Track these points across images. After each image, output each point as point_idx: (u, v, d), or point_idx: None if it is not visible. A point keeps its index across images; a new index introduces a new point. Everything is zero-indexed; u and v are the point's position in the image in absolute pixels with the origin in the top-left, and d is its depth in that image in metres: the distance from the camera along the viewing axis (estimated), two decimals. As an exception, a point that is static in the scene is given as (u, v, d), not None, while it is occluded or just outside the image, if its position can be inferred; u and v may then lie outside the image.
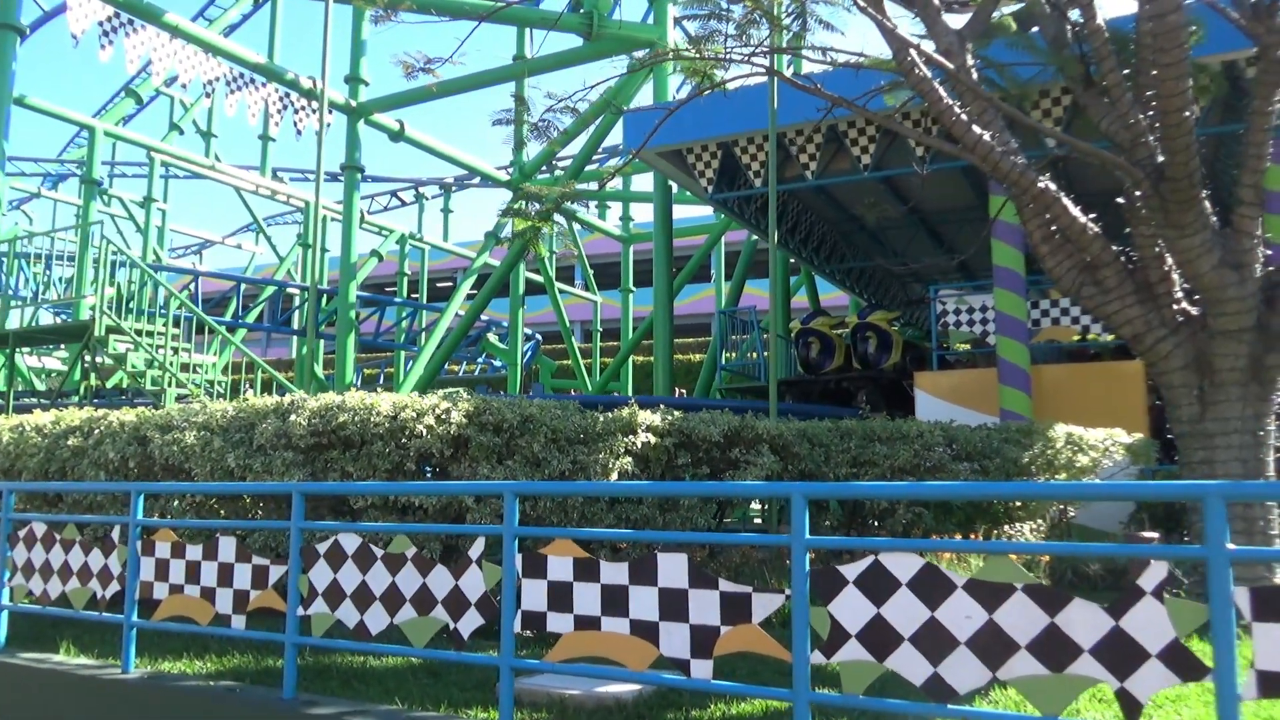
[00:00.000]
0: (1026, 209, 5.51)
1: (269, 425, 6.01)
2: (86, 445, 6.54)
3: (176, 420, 6.39)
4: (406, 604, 3.77)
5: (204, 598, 4.36)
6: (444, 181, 29.20)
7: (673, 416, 7.04)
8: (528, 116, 7.32)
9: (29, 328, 11.35)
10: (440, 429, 5.95)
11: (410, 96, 16.97)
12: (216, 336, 17.13)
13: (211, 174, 22.01)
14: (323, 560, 4.02)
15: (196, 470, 6.07)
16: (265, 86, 16.10)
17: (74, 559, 4.89)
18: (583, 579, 3.37)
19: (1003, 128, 5.60)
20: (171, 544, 4.52)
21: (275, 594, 4.14)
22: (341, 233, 16.92)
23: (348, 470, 5.93)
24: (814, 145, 12.27)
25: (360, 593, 3.89)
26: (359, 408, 5.96)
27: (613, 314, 32.21)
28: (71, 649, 5.12)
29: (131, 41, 13.76)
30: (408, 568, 3.78)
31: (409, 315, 22.23)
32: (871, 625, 2.86)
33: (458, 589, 3.64)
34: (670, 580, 3.19)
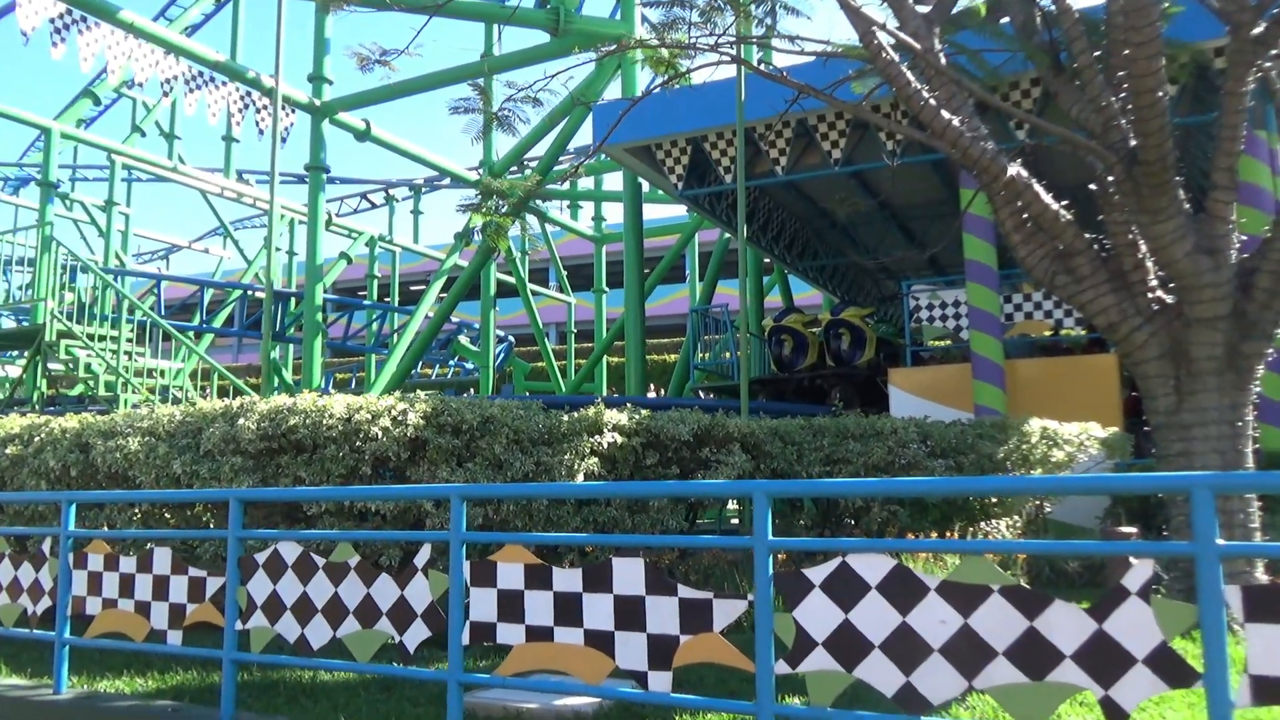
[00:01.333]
0: (997, 197, 5.36)
1: (216, 430, 5.74)
2: (26, 453, 6.24)
3: (120, 426, 6.11)
4: (350, 616, 3.54)
5: (139, 612, 4.11)
6: (414, 183, 28.86)
7: (640, 416, 6.85)
8: (485, 107, 7.09)
9: (-22, 333, 10.98)
10: (396, 431, 5.71)
11: (375, 95, 16.67)
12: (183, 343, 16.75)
13: (174, 176, 21.57)
14: (261, 571, 3.79)
15: (141, 478, 5.80)
16: (226, 85, 15.76)
17: (3, 573, 4.62)
18: (534, 587, 3.16)
19: (972, 113, 5.45)
20: (105, 556, 4.26)
21: (213, 608, 3.90)
22: (307, 234, 16.60)
23: (300, 476, 5.68)
24: (784, 140, 12.11)
25: (301, 605, 3.66)
26: (311, 410, 5.72)
27: (586, 315, 32.02)
28: (4, 668, 4.85)
29: (85, 39, 13.40)
30: (350, 577, 3.56)
31: (379, 318, 21.89)
32: (839, 632, 2.67)
33: (403, 599, 3.42)
34: (626, 587, 2.99)
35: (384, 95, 16.92)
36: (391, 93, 16.94)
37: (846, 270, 19.39)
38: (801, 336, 13.58)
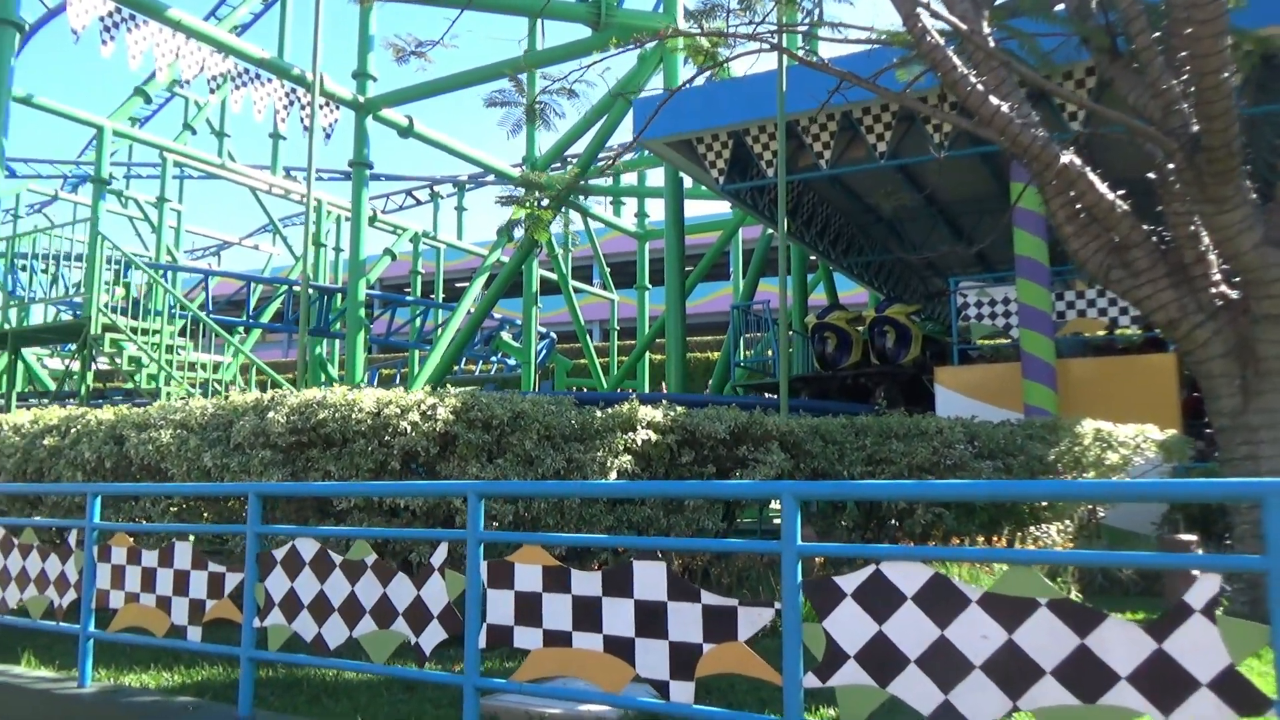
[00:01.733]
0: (1049, 187, 5.11)
1: (246, 423, 5.70)
2: (63, 445, 6.27)
3: (154, 418, 6.10)
4: (366, 615, 3.44)
5: (160, 607, 4.06)
6: (458, 179, 28.97)
7: (675, 412, 6.69)
8: (521, 97, 6.98)
9: (26, 326, 11.16)
10: (426, 426, 5.62)
11: (417, 91, 16.72)
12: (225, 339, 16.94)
13: (224, 173, 21.88)
14: (279, 567, 3.70)
15: (173, 470, 5.78)
16: (271, 82, 15.89)
17: (31, 565, 4.61)
18: (553, 589, 3.02)
19: (1022, 100, 5.20)
20: (127, 549, 4.22)
21: (232, 604, 3.83)
22: (350, 230, 16.70)
23: (329, 470, 5.61)
24: (827, 133, 11.86)
25: (317, 603, 3.57)
26: (340, 404, 5.65)
27: (629, 313, 31.91)
28: (33, 660, 4.84)
29: (133, 37, 13.57)
30: (367, 576, 3.46)
31: (422, 314, 21.99)
32: (873, 644, 2.50)
33: (420, 600, 3.31)
34: (647, 592, 2.84)
35: (426, 91, 16.96)
36: (433, 89, 16.97)
37: (892, 267, 19.02)
38: (845, 334, 13.30)
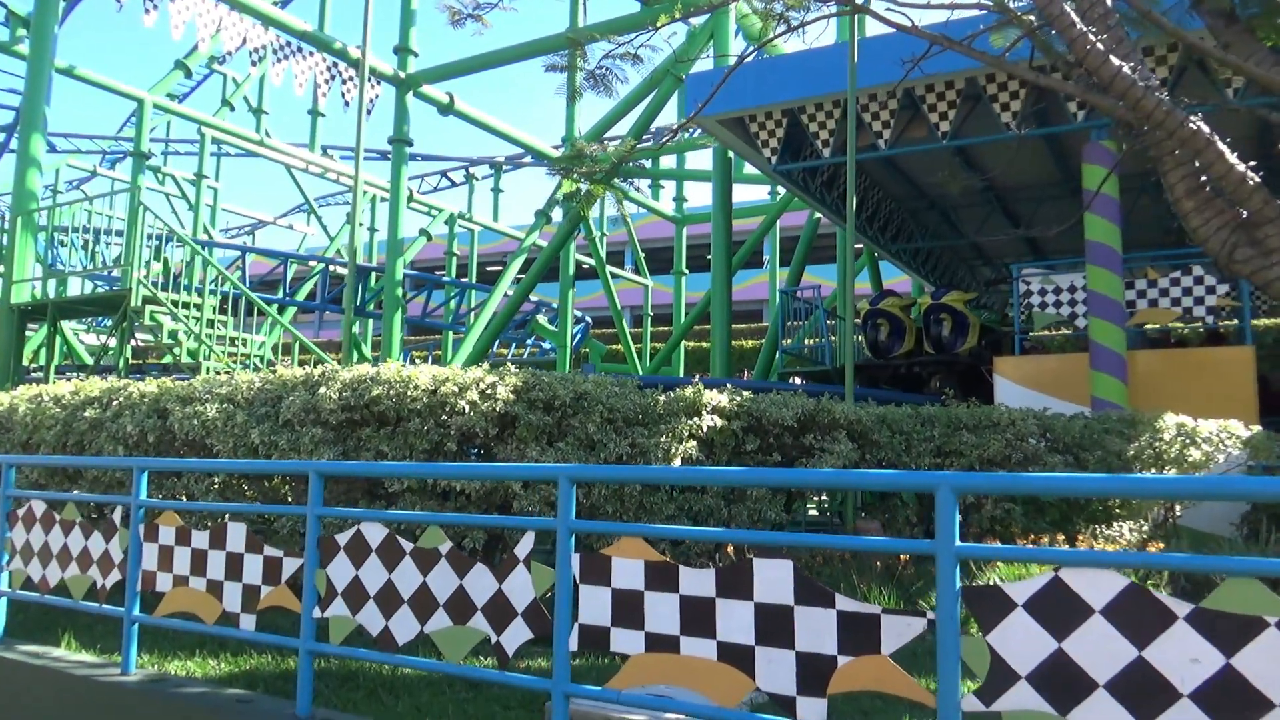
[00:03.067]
0: (1170, 157, 4.67)
1: (296, 399, 5.42)
2: (104, 418, 6.02)
3: (199, 392, 5.84)
4: (440, 609, 3.12)
5: (210, 592, 3.76)
6: (495, 160, 28.67)
7: (741, 398, 6.34)
8: (583, 63, 6.62)
9: (66, 298, 10.98)
10: (485, 406, 5.31)
11: (460, 67, 16.41)
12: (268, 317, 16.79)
13: (261, 150, 21.71)
14: (343, 553, 3.39)
15: (218, 446, 5.51)
16: (313, 56, 15.63)
17: (74, 542, 4.34)
18: (657, 588, 2.68)
19: (1140, 61, 4.77)
20: (177, 529, 3.93)
21: (289, 591, 3.53)
22: (389, 208, 16.45)
23: (381, 450, 5.32)
24: (888, 112, 11.39)
25: (386, 594, 3.25)
26: (395, 380, 5.35)
27: (662, 299, 31.50)
28: (73, 643, 4.59)
29: (176, 6, 13.35)
30: (441, 566, 3.13)
31: (457, 296, 21.73)
32: (1051, 665, 2.13)
33: (501, 594, 2.98)
34: (771, 594, 2.49)
35: (468, 67, 16.64)
36: (476, 64, 16.65)
37: (940, 254, 18.49)
38: (898, 321, 12.85)
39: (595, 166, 7.84)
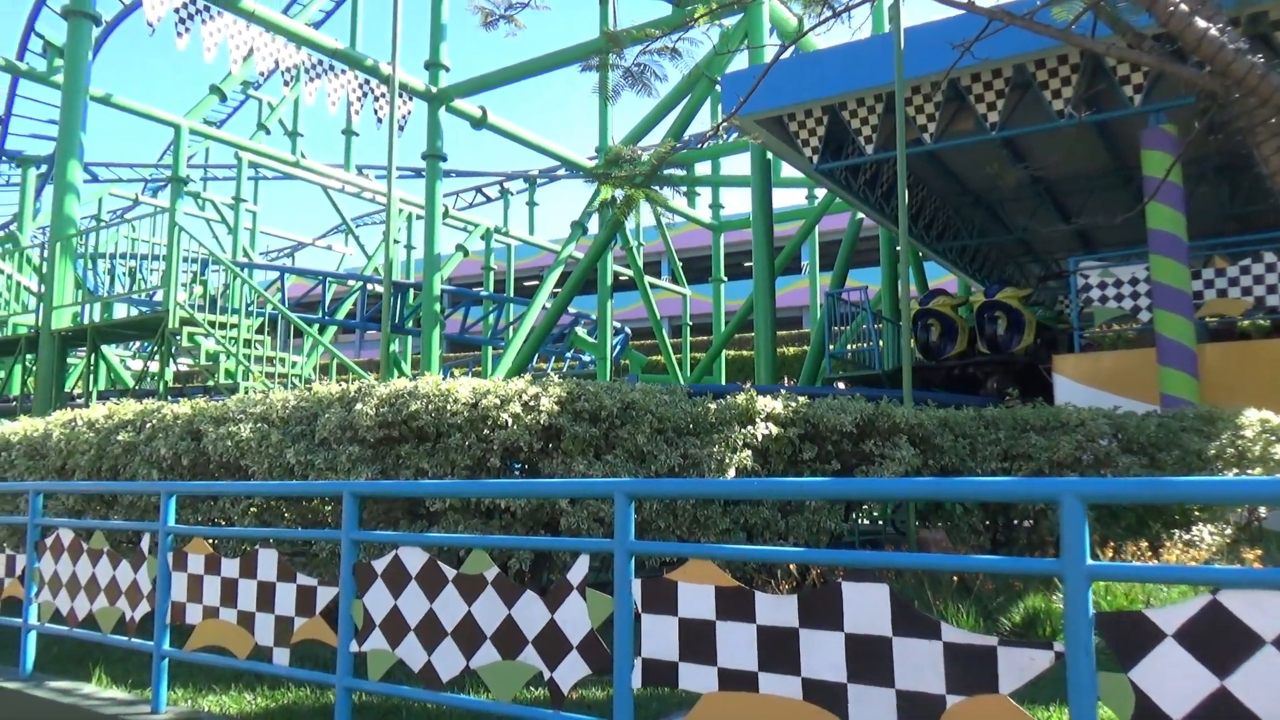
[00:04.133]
0: (1263, 127, 4.29)
1: (332, 416, 5.18)
2: (138, 441, 5.84)
3: (232, 412, 5.63)
4: (487, 642, 2.83)
5: (241, 624, 3.52)
6: (529, 174, 28.59)
7: (796, 404, 6.01)
8: (620, 61, 6.35)
9: (105, 322, 10.94)
10: (528, 418, 5.03)
11: (491, 79, 16.30)
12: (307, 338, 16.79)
13: (297, 172, 21.80)
14: (380, 581, 3.12)
15: (253, 467, 5.29)
16: (345, 74, 15.59)
17: (102, 572, 4.13)
18: (730, 616, 2.37)
19: (1226, 25, 4.39)
20: (206, 557, 3.69)
21: (324, 624, 3.26)
22: (424, 224, 16.34)
23: (421, 467, 5.06)
24: (932, 104, 11.00)
25: (427, 625, 2.97)
26: (434, 394, 5.09)
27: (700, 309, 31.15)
28: (104, 678, 4.37)
29: (208, 29, 13.35)
30: (488, 594, 2.85)
31: (495, 311, 21.60)
32: (1212, 707, 1.78)
33: (554, 625, 2.69)
34: (863, 622, 2.17)
35: (500, 79, 16.53)
36: (507, 76, 16.53)
37: (989, 251, 17.97)
38: (950, 321, 12.40)
39: (633, 170, 7.56)
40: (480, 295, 20.76)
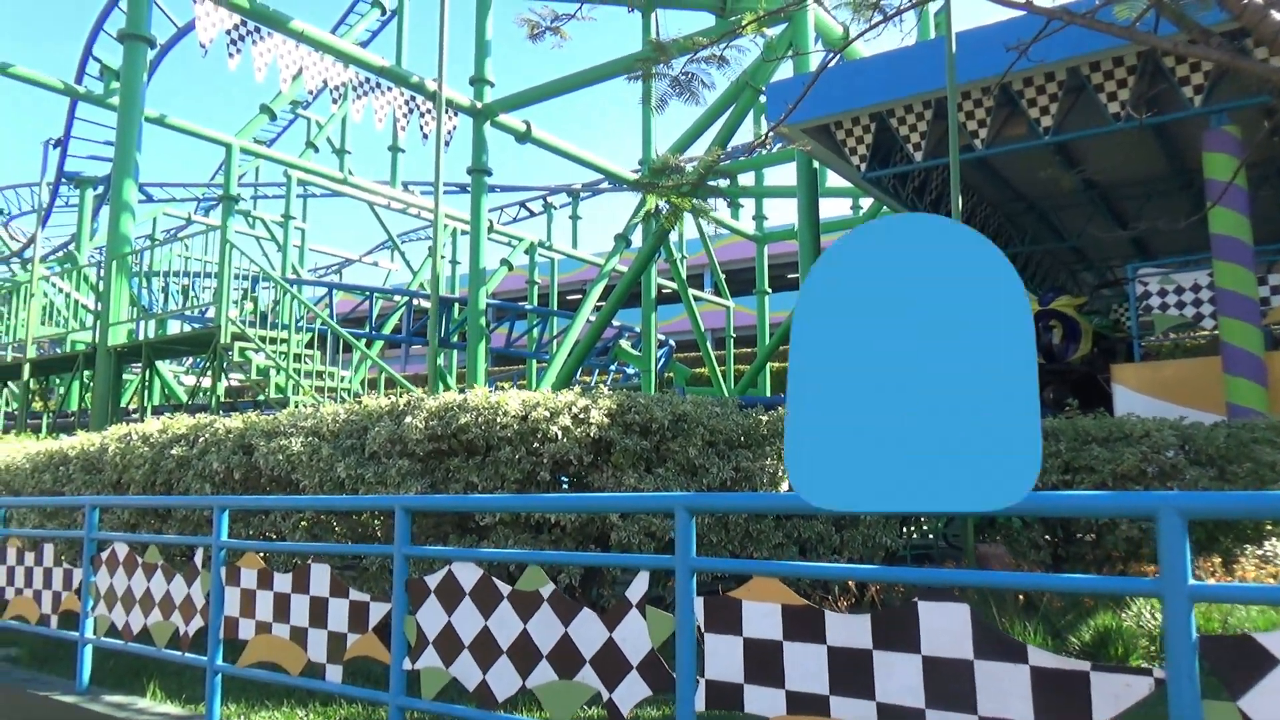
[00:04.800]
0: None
1: (382, 430, 5.16)
2: (191, 455, 5.88)
3: (283, 426, 5.65)
4: (543, 661, 2.75)
5: (294, 640, 3.48)
6: (572, 188, 28.70)
7: (851, 414, 5.85)
8: (664, 69, 6.29)
9: (159, 338, 11.13)
10: (578, 431, 4.97)
11: (535, 94, 16.39)
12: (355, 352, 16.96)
13: (345, 189, 22.09)
14: (434, 597, 3.06)
15: (304, 481, 5.29)
16: (391, 91, 15.77)
17: (156, 587, 4.13)
18: (799, 637, 2.26)
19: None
20: (259, 572, 3.67)
21: (376, 640, 3.21)
22: (470, 238, 16.43)
23: (471, 481, 5.02)
24: (984, 110, 10.80)
25: (482, 642, 2.90)
26: (483, 407, 5.05)
27: (743, 321, 30.96)
28: (158, 693, 4.37)
29: (258, 49, 13.58)
30: (544, 612, 2.77)
31: (539, 325, 21.66)
32: (1336, 740, 1.64)
33: (612, 644, 2.60)
34: (942, 645, 2.05)
35: (544, 94, 16.62)
36: (551, 90, 16.61)
37: (1041, 259, 17.60)
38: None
39: (681, 179, 7.49)
40: (525, 309, 20.81)
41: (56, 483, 6.74)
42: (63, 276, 17.94)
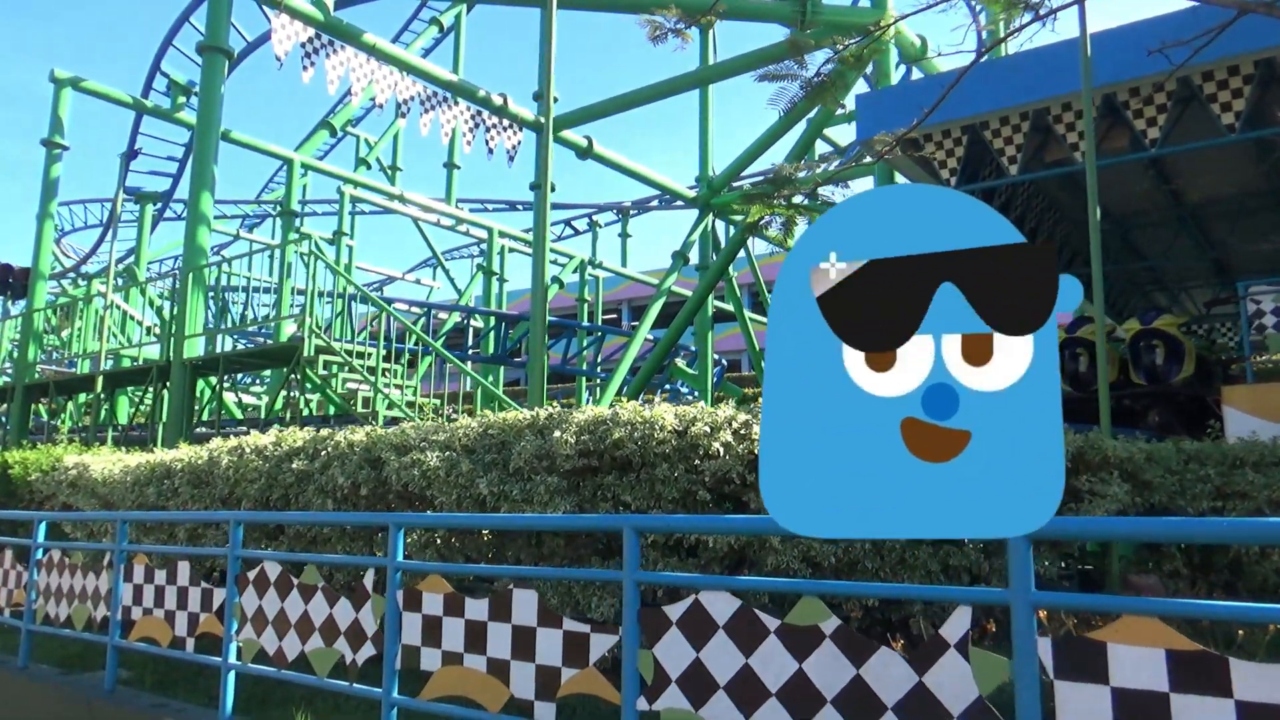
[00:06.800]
0: None
1: (527, 444, 4.87)
2: (312, 469, 5.62)
3: (413, 439, 5.37)
4: (828, 706, 2.42)
5: (493, 673, 3.17)
6: (622, 206, 28.53)
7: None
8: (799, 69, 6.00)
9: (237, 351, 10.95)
10: (740, 447, 4.65)
11: (599, 109, 16.22)
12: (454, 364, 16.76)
13: (397, 206, 22.02)
14: (676, 629, 2.74)
15: (440, 498, 5.01)
16: (458, 105, 15.65)
17: (316, 610, 3.84)
18: (1194, 689, 1.92)
19: None
20: (445, 597, 3.37)
21: (599, 675, 2.89)
22: (533, 252, 16.22)
23: (623, 499, 4.70)
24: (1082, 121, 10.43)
25: (743, 684, 2.58)
26: (638, 422, 4.75)
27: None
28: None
29: (331, 62, 13.50)
30: (826, 649, 2.44)
31: (592, 342, 21.41)
32: None
33: (924, 689, 2.26)
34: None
35: (608, 109, 16.44)
36: (615, 106, 16.43)
37: (1115, 279, 17.13)
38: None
39: (795, 188, 7.19)
40: (582, 326, 20.58)
41: (160, 497, 6.51)
42: (119, 292, 17.91)
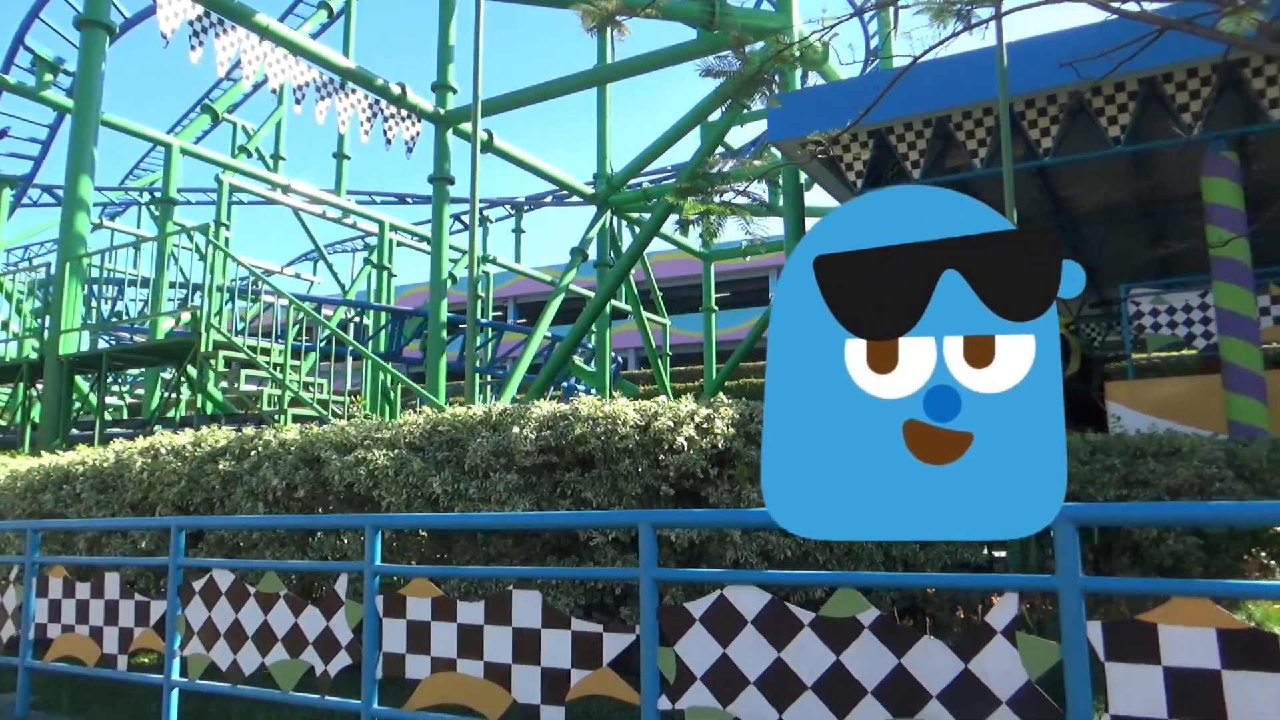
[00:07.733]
0: None
1: (484, 441, 4.72)
2: (240, 470, 5.28)
3: (353, 438, 5.13)
4: (868, 697, 2.41)
5: (492, 678, 3.04)
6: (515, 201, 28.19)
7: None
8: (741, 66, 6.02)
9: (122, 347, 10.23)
10: (703, 441, 4.64)
11: (500, 103, 15.94)
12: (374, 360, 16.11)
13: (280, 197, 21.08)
14: (700, 626, 2.69)
15: (389, 499, 4.79)
16: (355, 93, 15.09)
17: (278, 620, 3.60)
18: (1244, 666, 2.00)
19: None
20: (433, 601, 3.21)
21: (614, 675, 2.81)
22: (432, 249, 15.85)
23: (585, 496, 4.62)
24: (983, 129, 10.92)
25: (776, 679, 2.55)
26: (600, 417, 4.67)
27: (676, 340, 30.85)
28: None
29: (221, 43, 12.79)
30: (865, 641, 2.43)
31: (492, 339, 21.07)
32: None
33: (971, 677, 2.29)
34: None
35: (508, 104, 16.21)
36: (515, 101, 16.22)
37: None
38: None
39: (727, 183, 7.24)
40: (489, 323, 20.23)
41: (59, 504, 6.00)
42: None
